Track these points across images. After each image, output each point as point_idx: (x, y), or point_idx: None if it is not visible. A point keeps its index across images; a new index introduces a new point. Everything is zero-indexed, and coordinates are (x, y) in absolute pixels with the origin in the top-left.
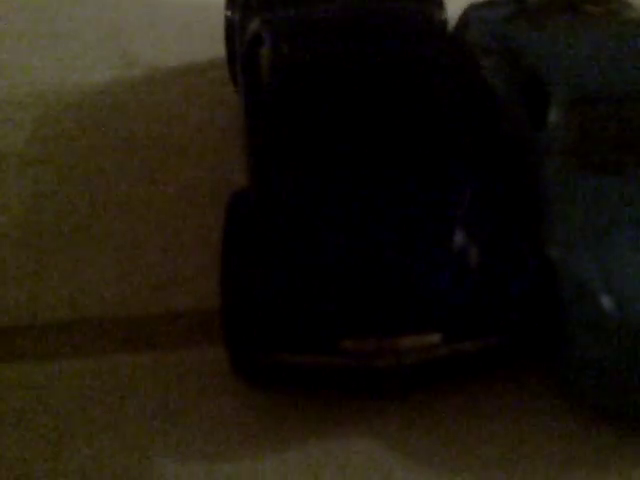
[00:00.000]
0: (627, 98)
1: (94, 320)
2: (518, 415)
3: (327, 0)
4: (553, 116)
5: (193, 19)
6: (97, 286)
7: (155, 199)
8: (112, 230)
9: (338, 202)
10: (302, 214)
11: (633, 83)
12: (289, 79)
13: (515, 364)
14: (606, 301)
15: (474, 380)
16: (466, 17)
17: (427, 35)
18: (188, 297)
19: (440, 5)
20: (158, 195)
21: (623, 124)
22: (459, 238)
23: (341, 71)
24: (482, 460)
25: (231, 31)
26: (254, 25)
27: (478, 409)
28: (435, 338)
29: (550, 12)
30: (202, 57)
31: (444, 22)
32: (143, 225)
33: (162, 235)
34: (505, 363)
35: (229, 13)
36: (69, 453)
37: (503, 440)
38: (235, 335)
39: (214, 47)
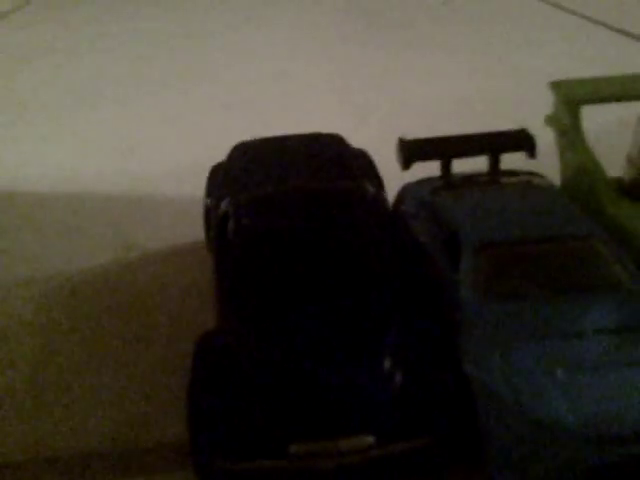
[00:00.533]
0: (521, 242)
1: (68, 456)
2: None
3: (282, 178)
4: (464, 259)
5: (183, 206)
6: (75, 425)
7: (142, 353)
8: (105, 380)
9: (287, 335)
10: (256, 345)
11: (525, 230)
12: (248, 245)
13: (442, 467)
14: (511, 403)
15: None
16: (402, 193)
17: (361, 206)
18: (166, 432)
19: (380, 185)
20: (145, 350)
21: (519, 261)
22: (388, 358)
23: (290, 239)
24: None
25: (207, 213)
26: (224, 205)
27: None
28: (369, 440)
29: (470, 184)
30: (191, 239)
31: (383, 198)
32: (129, 373)
33: (148, 381)
34: (432, 464)
35: (208, 201)
36: None
37: None
38: (199, 448)
39: (197, 233)
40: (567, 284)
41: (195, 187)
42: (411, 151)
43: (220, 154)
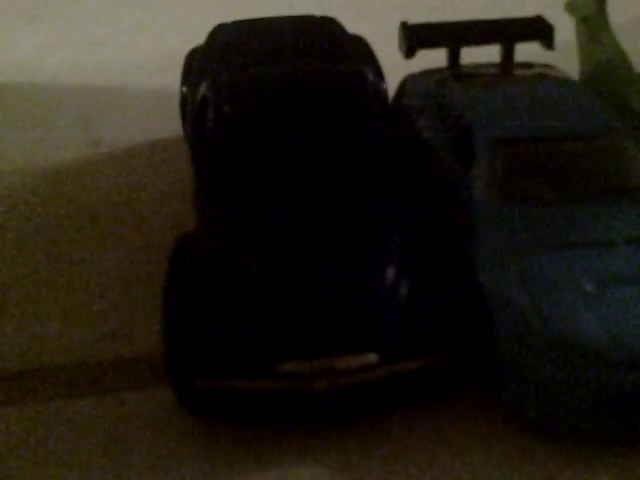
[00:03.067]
0: (541, 139)
1: (44, 368)
2: (459, 438)
3: (270, 61)
4: (478, 157)
5: (156, 103)
6: (49, 338)
7: (110, 259)
8: (68, 287)
9: (276, 238)
10: (240, 247)
11: (546, 127)
12: (231, 136)
13: (454, 389)
14: (532, 317)
15: (413, 406)
16: (404, 85)
17: (359, 94)
18: (138, 346)
19: (378, 72)
20: (113, 255)
21: (539, 160)
22: (393, 263)
23: (276, 128)
24: None
25: (184, 102)
26: (202, 88)
27: (417, 434)
28: (371, 358)
29: (482, 76)
30: (164, 135)
31: (384, 88)
32: (98, 282)
33: (116, 291)
34: (443, 385)
35: (184, 89)
36: None
37: (444, 464)
38: (177, 363)
39: (172, 128)
40: (594, 186)
41: (168, 79)
42: (415, 37)
43: (194, 44)
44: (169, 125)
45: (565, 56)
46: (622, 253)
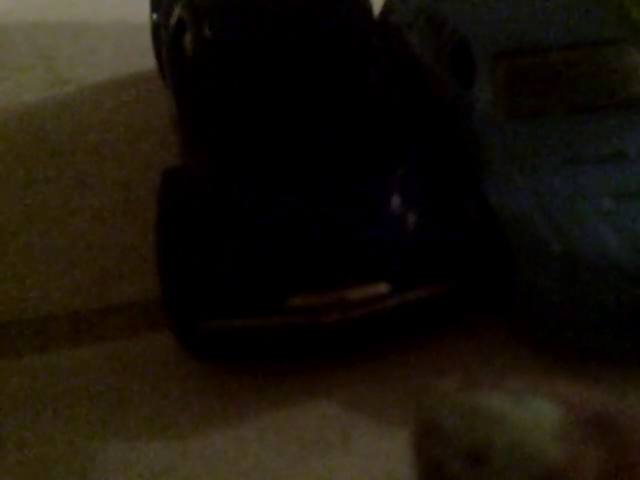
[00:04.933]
0: (545, 49)
1: (35, 318)
2: (471, 369)
3: None
4: (479, 72)
5: (122, 38)
6: (37, 286)
7: (91, 201)
8: (50, 233)
9: (272, 166)
10: (237, 178)
11: (550, 36)
12: (212, 60)
13: (466, 318)
14: (549, 235)
15: (425, 335)
16: (390, 1)
17: (348, 10)
18: (129, 290)
19: None
20: (93, 197)
21: (544, 72)
22: (399, 189)
23: (263, 49)
24: None
25: (156, 30)
26: (177, 10)
27: (430, 365)
28: (383, 288)
29: None
30: (133, 71)
31: (369, 4)
32: (80, 226)
33: (100, 234)
34: (456, 311)
35: (154, 16)
36: (14, 445)
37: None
38: (178, 304)
39: (144, 62)
40: (603, 98)
41: (135, 11)
42: None
43: None
44: (138, 60)
45: None
46: (635, 165)
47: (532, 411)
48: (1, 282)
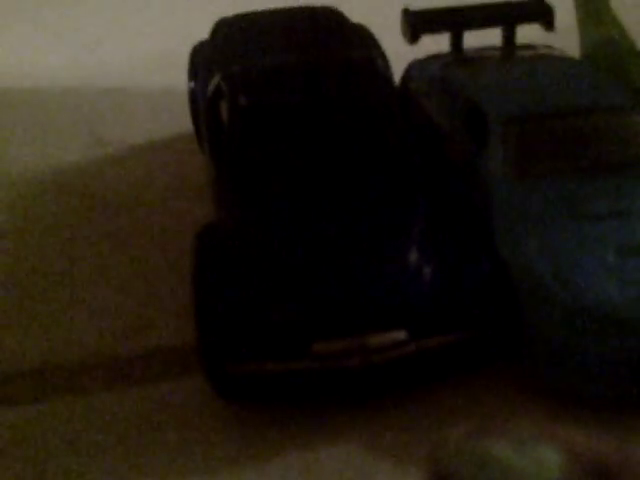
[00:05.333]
0: (553, 115)
1: (72, 363)
2: (489, 413)
3: (279, 51)
4: (492, 135)
5: (159, 101)
6: (76, 333)
7: (129, 254)
8: (90, 284)
9: (303, 222)
10: (266, 232)
11: (556, 102)
12: (248, 126)
13: (485, 364)
14: (556, 287)
15: (444, 383)
16: (409, 70)
17: (372, 79)
18: (163, 336)
19: (384, 58)
20: (131, 250)
21: (551, 136)
22: (416, 241)
23: (295, 116)
24: None
25: (194, 98)
26: (215, 80)
27: (446, 410)
28: (401, 334)
29: (486, 58)
30: (169, 133)
31: (391, 73)
32: (118, 278)
33: (136, 285)
34: (473, 360)
35: (192, 84)
36: None
37: None
38: (210, 348)
39: (179, 124)
40: (608, 159)
41: (169, 78)
42: (418, 22)
43: (192, 41)
44: (173, 123)
45: (565, 38)
46: (637, 222)
47: (536, 459)
48: (42, 329)
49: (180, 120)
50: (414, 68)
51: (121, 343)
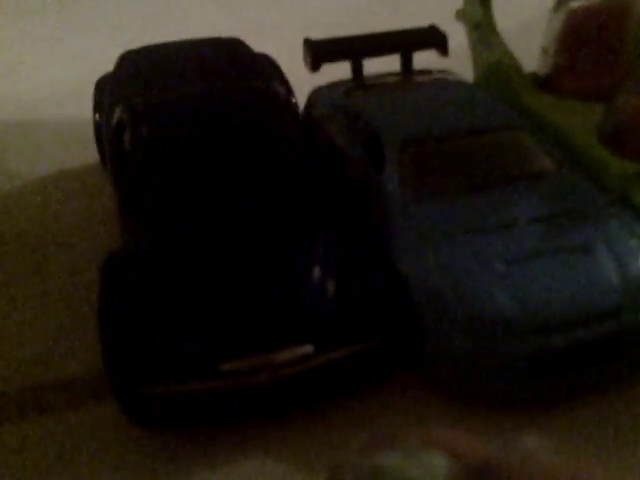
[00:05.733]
0: (444, 137)
1: None
2: (397, 418)
3: (182, 82)
4: (388, 159)
5: (68, 132)
6: None
7: (40, 286)
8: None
9: (205, 248)
10: (169, 258)
11: (448, 125)
12: (149, 157)
13: (388, 372)
14: (450, 297)
15: (352, 393)
16: (312, 97)
17: (272, 108)
18: (74, 366)
19: (287, 87)
20: (41, 282)
21: (444, 156)
22: (318, 261)
23: (195, 145)
24: None
25: (99, 128)
26: (117, 112)
27: (355, 418)
28: (307, 349)
29: (385, 85)
30: (77, 165)
31: (294, 102)
32: (28, 310)
33: (47, 316)
34: (377, 369)
35: (97, 116)
36: None
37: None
38: (119, 374)
39: (87, 156)
40: (496, 176)
41: (78, 109)
42: (319, 52)
43: (102, 72)
44: (83, 153)
45: (460, 61)
46: (525, 233)
47: (425, 465)
48: None
49: (90, 151)
50: (317, 95)
51: (28, 372)
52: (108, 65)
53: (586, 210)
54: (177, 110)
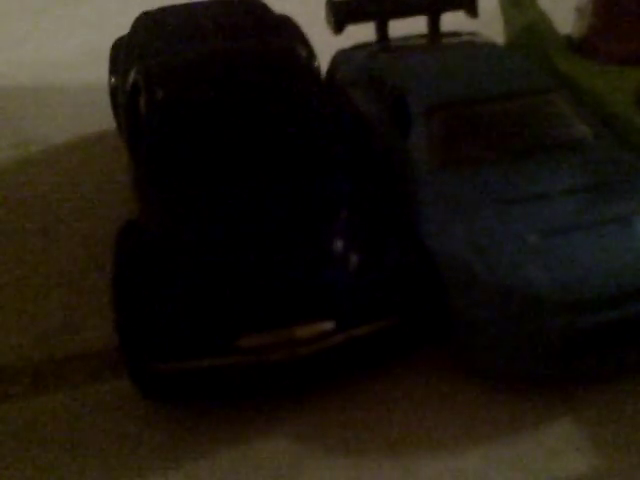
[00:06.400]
0: (475, 101)
1: None
2: (418, 397)
3: (198, 43)
4: (415, 123)
5: (83, 98)
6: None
7: (54, 254)
8: (13, 285)
9: (222, 215)
10: (187, 227)
11: (479, 88)
12: (165, 119)
13: (411, 349)
14: (480, 271)
15: (371, 370)
16: (335, 60)
17: (292, 69)
18: (91, 339)
19: (309, 49)
20: (56, 250)
21: (474, 121)
22: (342, 232)
23: (213, 107)
24: (384, 444)
25: (114, 92)
26: (132, 75)
27: (376, 397)
28: (328, 325)
29: (411, 47)
30: (93, 131)
31: (316, 64)
32: (43, 279)
33: (61, 285)
34: (399, 347)
35: (112, 79)
36: None
37: (401, 423)
38: (133, 348)
39: (103, 122)
40: (528, 144)
41: (93, 74)
42: (343, 12)
43: (116, 36)
44: (98, 119)
45: (489, 25)
46: (559, 204)
47: None
48: None
49: (105, 117)
50: (340, 57)
51: (47, 346)
52: (124, 30)
53: (624, 181)
54: (195, 72)
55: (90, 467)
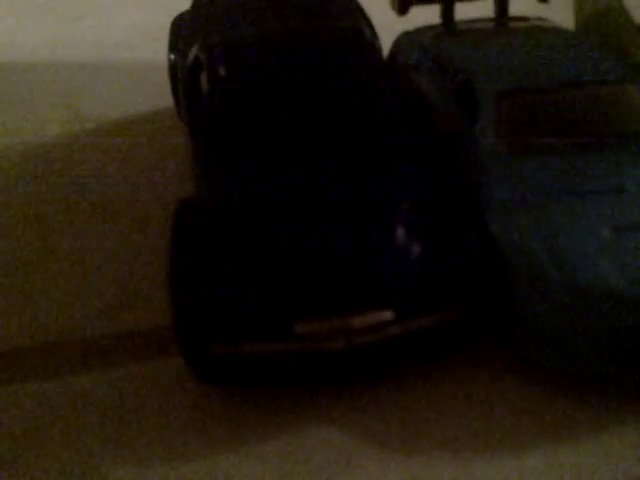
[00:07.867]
0: (546, 88)
1: (48, 344)
2: (473, 394)
3: (261, 21)
4: (483, 109)
5: (139, 75)
6: (51, 314)
7: (107, 232)
8: (67, 263)
9: (286, 200)
10: (249, 210)
11: (550, 75)
12: (227, 97)
13: (470, 343)
14: (549, 265)
15: (428, 363)
16: (398, 43)
17: (358, 49)
18: (142, 317)
19: (372, 29)
20: (110, 228)
21: (544, 109)
22: (404, 220)
23: (276, 85)
24: (439, 441)
25: (174, 69)
26: (193, 51)
27: (433, 391)
28: (387, 315)
29: (475, 31)
30: (149, 108)
31: (379, 45)
32: (96, 256)
33: (113, 263)
34: (459, 340)
35: (172, 56)
36: (23, 470)
37: (458, 420)
38: (188, 329)
39: (159, 100)
40: (602, 134)
41: (150, 53)
42: None
43: (174, 14)
44: (154, 98)
45: (558, 11)
46: (635, 199)
47: None
48: (17, 309)
49: (161, 94)
50: (404, 40)
51: (98, 324)
52: (183, 7)
53: None
54: (258, 49)
55: (135, 447)
